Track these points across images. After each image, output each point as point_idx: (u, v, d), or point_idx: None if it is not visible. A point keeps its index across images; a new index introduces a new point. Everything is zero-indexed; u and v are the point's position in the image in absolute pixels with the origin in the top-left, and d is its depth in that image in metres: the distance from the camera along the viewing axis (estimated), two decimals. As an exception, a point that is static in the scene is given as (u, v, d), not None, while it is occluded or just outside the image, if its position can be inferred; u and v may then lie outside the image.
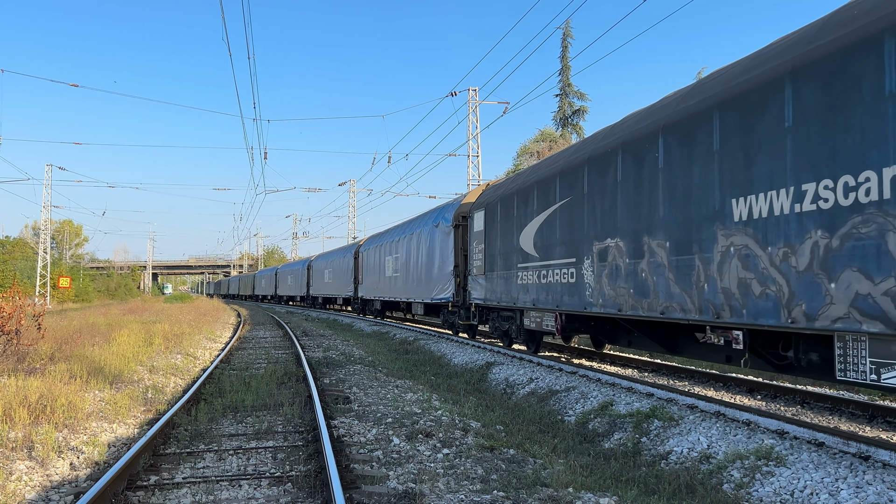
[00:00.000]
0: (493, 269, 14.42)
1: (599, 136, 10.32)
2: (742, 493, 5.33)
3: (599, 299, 9.60)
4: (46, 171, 52.17)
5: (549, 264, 11.41)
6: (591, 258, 9.88)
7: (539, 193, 11.94)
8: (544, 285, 11.60)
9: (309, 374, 10.81)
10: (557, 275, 11.03)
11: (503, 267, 13.73)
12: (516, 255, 12.90)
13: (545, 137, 39.89)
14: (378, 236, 30.08)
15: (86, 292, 65.92)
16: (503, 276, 13.73)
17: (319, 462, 6.03)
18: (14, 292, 13.09)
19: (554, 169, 11.44)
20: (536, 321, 12.30)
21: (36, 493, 5.36)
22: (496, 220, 14.26)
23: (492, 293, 14.51)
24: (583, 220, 10.14)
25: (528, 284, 12.39)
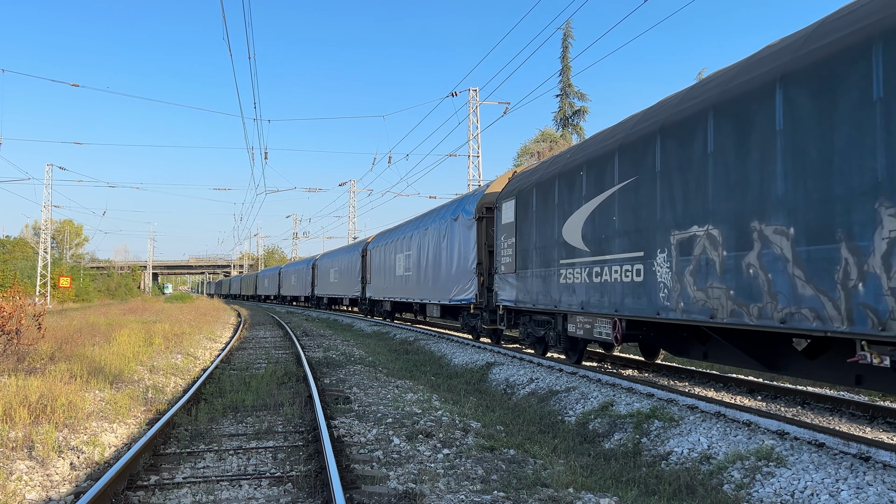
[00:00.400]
0: (526, 267, 12.69)
1: (673, 102, 8.52)
2: (742, 493, 5.33)
3: (680, 303, 7.79)
4: (47, 171, 52.20)
5: (603, 260, 9.66)
6: (666, 251, 8.12)
7: (589, 175, 10.13)
8: (597, 285, 9.86)
9: (309, 374, 10.81)
10: (617, 273, 9.27)
11: (540, 264, 12.00)
12: (558, 250, 11.21)
13: (545, 138, 39.89)
14: (388, 232, 28.17)
15: (86, 292, 65.94)
16: (540, 275, 12.01)
17: (320, 462, 6.03)
18: (14, 292, 13.10)
19: (609, 145, 9.64)
20: (585, 327, 10.61)
21: (36, 493, 5.36)
22: (530, 210, 12.50)
23: (525, 294, 12.77)
24: (653, 204, 8.40)
25: (573, 284, 10.67)
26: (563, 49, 37.58)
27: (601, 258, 9.80)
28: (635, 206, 8.88)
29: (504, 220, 14.02)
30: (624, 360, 12.69)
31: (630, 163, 9.01)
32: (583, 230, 10.33)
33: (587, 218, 10.20)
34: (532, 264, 12.44)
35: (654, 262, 8.41)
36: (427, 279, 20.58)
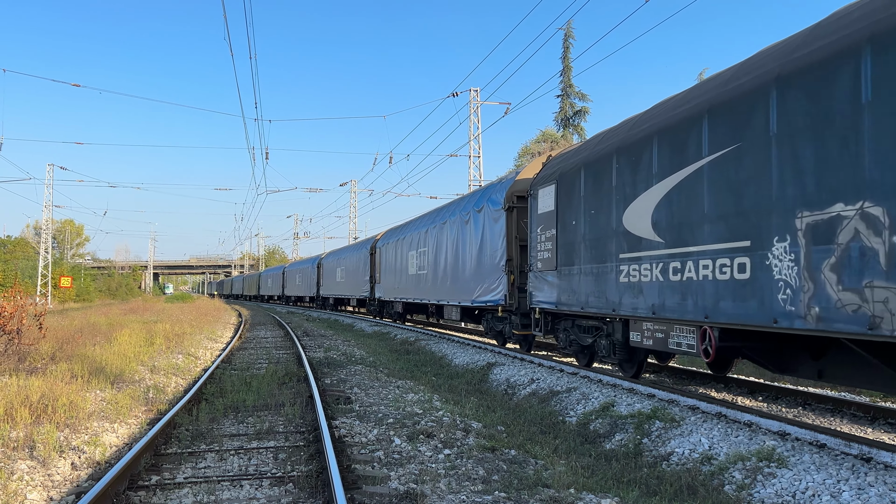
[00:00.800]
0: (570, 263, 10.87)
1: (794, 43, 6.66)
2: (744, 494, 5.33)
3: (813, 307, 5.96)
4: (48, 171, 52.25)
5: (685, 253, 7.85)
6: (788, 239, 6.29)
7: (663, 148, 8.33)
8: (675, 284, 8.05)
9: (310, 375, 10.82)
10: (707, 268, 7.43)
11: (591, 258, 10.17)
12: (616, 242, 9.40)
13: (546, 138, 39.89)
14: (399, 228, 26.12)
15: (87, 292, 66.02)
16: (591, 272, 10.20)
17: (321, 462, 6.03)
18: (15, 292, 13.11)
19: (692, 109, 7.91)
20: (656, 336, 8.73)
21: (37, 493, 5.36)
22: (576, 196, 10.68)
23: (569, 295, 10.96)
24: (766, 178, 6.60)
25: (639, 283, 8.85)
26: (564, 49, 37.57)
27: (682, 250, 7.94)
28: (736, 182, 7.05)
29: (541, 210, 12.15)
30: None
31: (727, 128, 7.18)
32: (654, 217, 8.50)
33: (660, 201, 8.35)
34: (579, 259, 10.58)
35: (769, 253, 6.55)
36: (445, 278, 18.64)
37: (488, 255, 15.06)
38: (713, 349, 7.51)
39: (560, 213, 11.36)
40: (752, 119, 6.86)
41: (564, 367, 11.31)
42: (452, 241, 18.04)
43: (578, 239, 10.65)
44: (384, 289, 26.96)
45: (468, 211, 16.79)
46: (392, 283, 25.55)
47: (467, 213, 16.86)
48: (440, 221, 19.48)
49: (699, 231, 7.63)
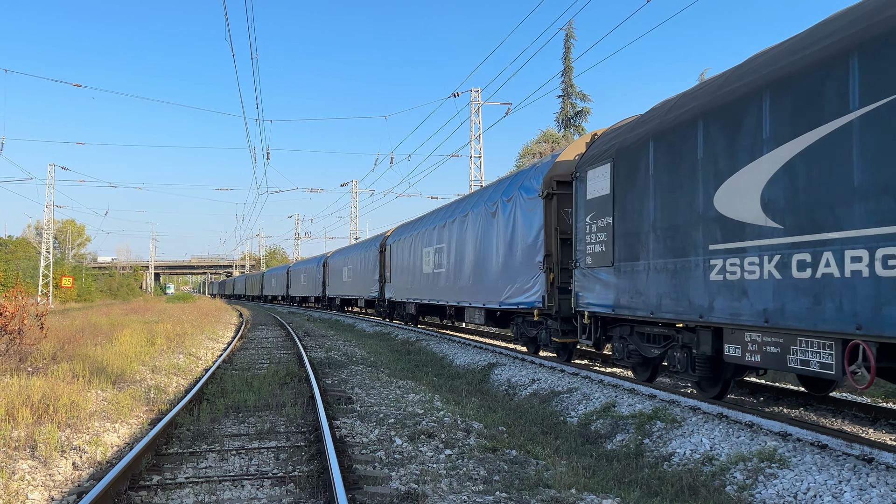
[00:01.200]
0: (634, 257, 9.06)
1: None
2: (745, 495, 5.33)
3: None
4: (49, 171, 52.31)
5: (821, 241, 6.05)
6: None
7: (778, 105, 6.60)
8: (804, 283, 6.23)
9: (311, 375, 10.82)
10: (860, 261, 5.61)
11: (665, 251, 8.32)
12: (705, 230, 7.54)
13: (547, 138, 39.90)
14: (412, 224, 24.14)
15: (88, 292, 66.08)
16: (665, 268, 8.33)
17: (322, 462, 6.03)
18: (17, 292, 13.11)
19: (829, 49, 6.11)
20: (769, 351, 6.89)
21: (39, 493, 5.36)
22: (641, 174, 8.86)
23: (632, 296, 9.11)
24: None
25: (742, 282, 7.03)
26: (566, 50, 37.58)
27: (814, 238, 6.15)
28: None
29: (591, 194, 10.29)
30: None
31: (889, 73, 5.42)
32: (765, 195, 6.73)
33: (776, 174, 6.61)
34: (646, 253, 8.78)
35: None
36: (466, 277, 16.69)
37: (520, 250, 13.13)
38: (872, 371, 5.60)
39: (618, 198, 9.52)
40: None
41: (565, 367, 11.31)
42: (475, 236, 16.02)
43: (645, 228, 8.79)
44: (395, 289, 25.00)
45: (495, 201, 14.72)
46: (404, 282, 23.53)
47: (493, 203, 14.76)
48: (460, 214, 17.38)
49: (845, 211, 5.81)
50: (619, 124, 10.63)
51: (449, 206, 20.30)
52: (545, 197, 12.07)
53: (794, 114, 6.42)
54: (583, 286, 10.64)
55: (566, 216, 11.81)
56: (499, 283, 14.24)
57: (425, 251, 20.77)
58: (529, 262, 12.64)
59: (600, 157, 10.14)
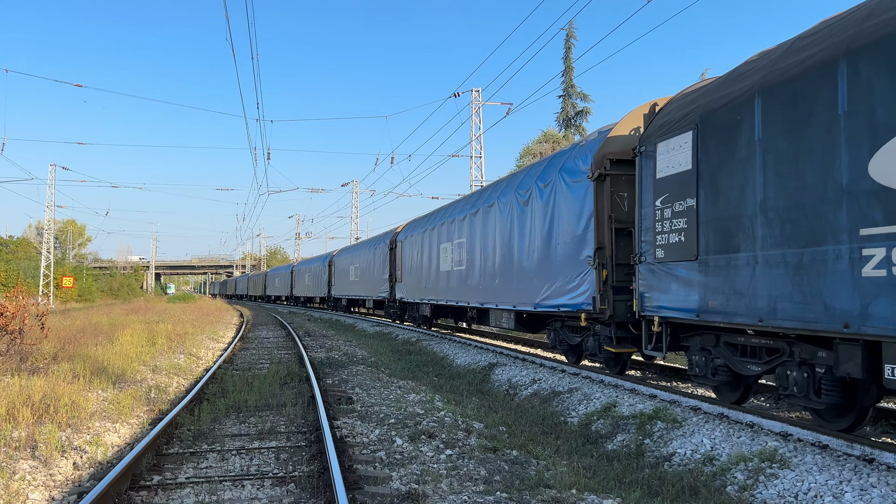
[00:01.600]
0: (731, 248, 7.22)
1: None
2: (746, 495, 5.32)
3: None
4: (50, 171, 52.29)
5: None
6: None
7: None
8: None
9: (312, 375, 10.82)
10: None
11: (782, 239, 6.52)
12: (852, 208, 5.76)
13: (548, 139, 39.88)
14: (426, 218, 22.18)
15: (89, 292, 66.11)
16: (782, 262, 6.50)
17: (322, 462, 6.03)
18: (18, 292, 13.12)
19: None
20: None
21: (39, 493, 5.36)
22: (742, 142, 7.08)
23: (728, 298, 7.27)
24: None
25: None
26: (566, 50, 37.56)
27: None
28: None
29: (662, 172, 8.45)
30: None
31: None
32: None
33: None
34: (752, 242, 6.92)
35: None
36: (491, 275, 14.75)
37: (562, 243, 11.19)
38: None
39: (705, 174, 7.69)
40: None
41: (566, 367, 11.30)
42: (504, 229, 14.05)
43: (749, 210, 6.96)
44: (407, 289, 23.04)
45: (528, 188, 12.77)
46: (417, 281, 21.59)
47: (526, 190, 12.84)
48: (484, 205, 15.39)
49: None
50: (695, 87, 8.71)
51: (469, 196, 18.23)
52: (596, 179, 10.08)
53: None
54: (651, 285, 8.72)
55: (621, 201, 10.05)
56: (533, 281, 12.36)
57: (442, 247, 18.77)
58: (574, 257, 10.72)
59: (676, 126, 8.22)
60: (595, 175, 10.11)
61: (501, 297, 14.16)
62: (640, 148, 9.06)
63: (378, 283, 27.37)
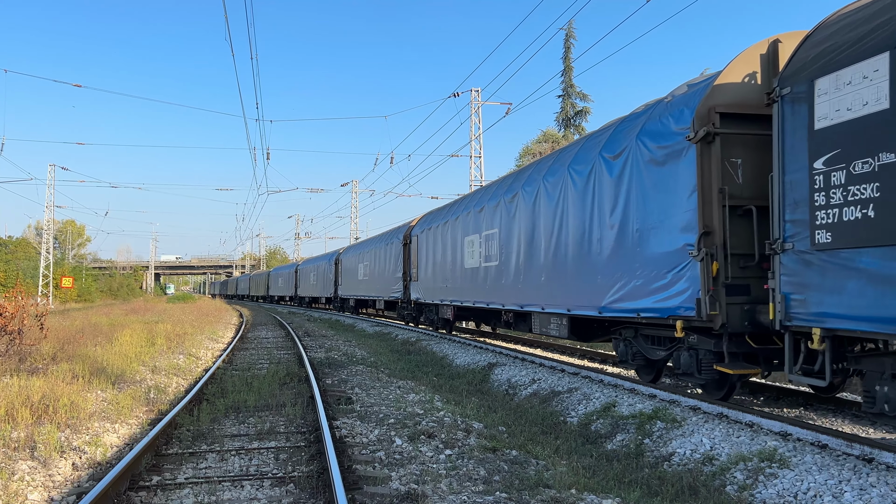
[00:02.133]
0: None
1: None
2: (745, 495, 5.32)
3: None
4: (49, 172, 52.28)
5: None
6: None
7: None
8: None
9: (311, 375, 10.81)
10: None
11: None
12: None
13: (547, 138, 39.88)
14: (446, 209, 19.58)
15: (88, 292, 66.10)
16: None
17: (322, 463, 6.03)
18: (17, 292, 13.11)
19: None
20: None
21: (38, 494, 5.36)
22: None
23: None
24: None
25: None
26: (566, 50, 37.56)
27: None
28: None
29: (830, 119, 6.07)
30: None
31: None
32: None
33: None
34: None
35: None
36: (535, 271, 11.99)
37: (646, 228, 8.69)
38: None
39: None
40: None
41: (566, 367, 11.30)
42: (552, 215, 11.33)
43: None
44: (423, 288, 20.54)
45: (588, 162, 10.23)
46: (436, 280, 18.98)
47: (586, 164, 10.30)
48: (524, 187, 12.73)
49: None
50: (848, 8, 6.36)
51: (503, 179, 15.31)
52: (700, 140, 7.60)
53: None
54: (804, 283, 6.25)
55: (733, 170, 7.61)
56: (598, 279, 9.79)
57: (467, 240, 16.19)
58: (664, 246, 8.29)
59: (853, 49, 5.89)
60: (699, 135, 7.56)
61: (550, 297, 11.45)
62: (780, 90, 6.60)
63: (390, 283, 25.00)
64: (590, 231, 10.14)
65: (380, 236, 29.31)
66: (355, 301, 33.61)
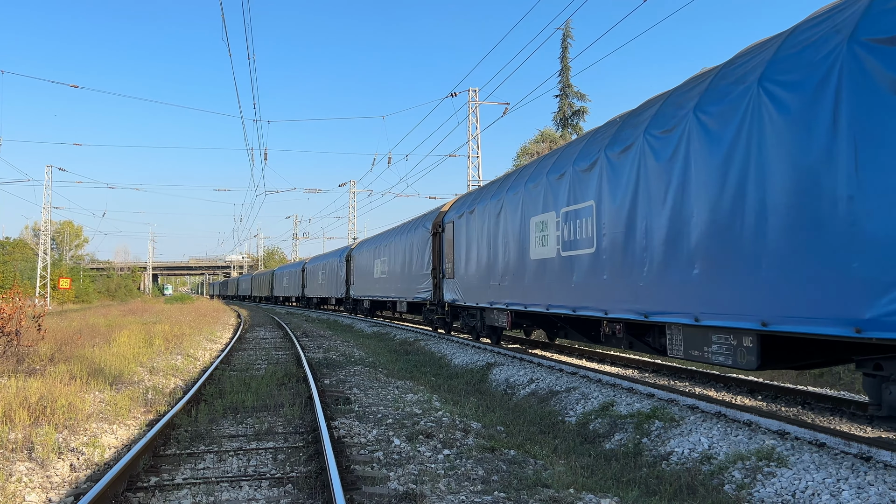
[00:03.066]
0: None
1: None
2: (743, 493, 5.33)
3: None
4: (46, 172, 52.19)
5: None
6: None
7: None
8: None
9: (309, 375, 10.80)
10: None
11: None
12: None
13: (545, 138, 39.90)
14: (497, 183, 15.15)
15: (86, 293, 66.02)
16: None
17: (320, 463, 6.03)
18: (14, 293, 13.10)
19: None
20: None
21: (36, 495, 5.35)
22: None
23: None
24: None
25: None
26: (563, 49, 37.57)
27: None
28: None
29: None
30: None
31: None
32: None
33: None
34: None
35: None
36: (687, 257, 7.45)
37: None
38: None
39: None
40: None
41: (564, 366, 11.30)
42: (711, 172, 7.05)
43: None
44: (462, 287, 16.40)
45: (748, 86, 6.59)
46: (481, 276, 14.90)
47: (741, 90, 6.69)
48: (649, 133, 8.34)
49: None
50: None
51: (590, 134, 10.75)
52: None
53: None
54: None
55: None
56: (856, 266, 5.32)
57: (534, 222, 11.83)
58: None
59: None
60: None
61: (710, 302, 7.10)
62: None
63: (415, 281, 21.03)
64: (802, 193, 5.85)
65: (401, 226, 25.01)
66: (371, 303, 29.64)
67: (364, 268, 30.14)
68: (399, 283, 23.32)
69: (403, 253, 22.79)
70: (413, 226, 22.32)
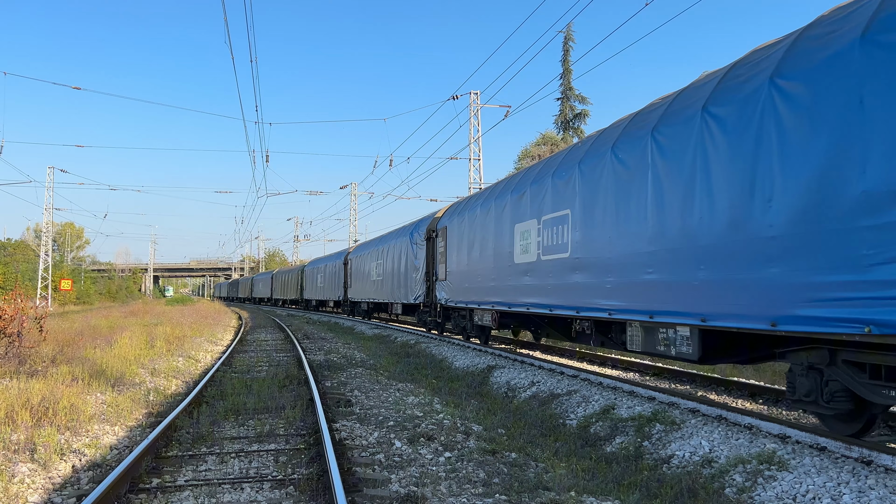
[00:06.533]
0: None
1: None
2: (744, 497, 5.33)
3: None
4: (48, 174, 52.26)
5: None
6: None
7: None
8: None
9: (310, 377, 10.82)
10: None
11: None
12: None
13: (546, 141, 39.92)
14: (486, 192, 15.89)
15: (87, 295, 66.10)
16: None
17: (321, 465, 6.04)
18: (16, 294, 13.11)
19: None
20: None
21: (38, 496, 5.36)
22: None
23: None
24: None
25: None
26: (564, 52, 37.61)
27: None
28: None
29: None
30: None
31: None
32: None
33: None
34: None
35: None
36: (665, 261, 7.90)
37: None
38: None
39: None
40: None
41: (565, 369, 11.31)
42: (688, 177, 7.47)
43: None
44: (452, 289, 16.99)
45: None
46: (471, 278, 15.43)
47: None
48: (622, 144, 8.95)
49: None
50: None
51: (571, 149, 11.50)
52: None
53: None
54: None
55: None
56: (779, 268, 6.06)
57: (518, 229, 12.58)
58: None
59: None
60: None
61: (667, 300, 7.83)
62: None
63: (410, 284, 21.57)
64: None
65: (396, 231, 25.52)
66: (368, 305, 30.18)
67: (361, 271, 30.71)
68: (395, 285, 23.86)
69: (399, 257, 23.27)
70: (408, 231, 22.78)
